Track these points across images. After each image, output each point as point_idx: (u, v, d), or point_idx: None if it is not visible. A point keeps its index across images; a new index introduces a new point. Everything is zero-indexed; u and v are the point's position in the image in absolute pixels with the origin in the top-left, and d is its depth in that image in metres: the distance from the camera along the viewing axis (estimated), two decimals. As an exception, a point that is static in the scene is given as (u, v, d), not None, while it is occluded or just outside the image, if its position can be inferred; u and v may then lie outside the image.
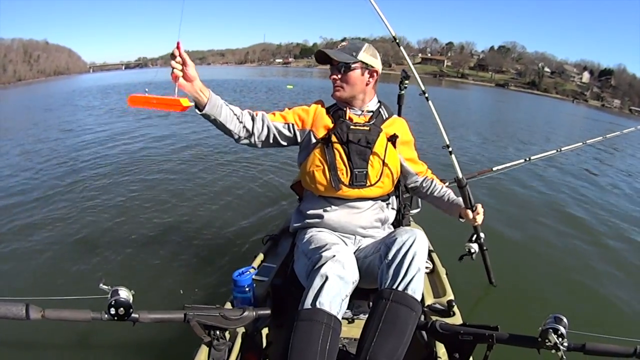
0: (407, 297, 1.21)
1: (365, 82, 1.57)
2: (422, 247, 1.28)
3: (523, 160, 2.61)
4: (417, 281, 1.24)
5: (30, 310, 1.05)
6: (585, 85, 72.94)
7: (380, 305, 1.21)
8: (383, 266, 1.28)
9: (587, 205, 5.15)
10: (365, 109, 1.61)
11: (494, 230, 4.02)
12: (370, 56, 1.56)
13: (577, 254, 3.64)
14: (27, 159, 6.27)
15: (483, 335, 1.24)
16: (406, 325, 1.19)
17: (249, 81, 29.56)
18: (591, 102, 60.82)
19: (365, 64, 1.54)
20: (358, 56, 1.52)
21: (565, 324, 1.11)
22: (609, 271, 3.34)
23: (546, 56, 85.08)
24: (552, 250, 3.67)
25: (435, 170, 1.88)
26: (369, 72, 1.57)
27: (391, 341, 1.15)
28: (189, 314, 1.25)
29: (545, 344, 1.11)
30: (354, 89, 1.56)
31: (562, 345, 1.08)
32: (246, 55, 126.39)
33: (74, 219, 3.80)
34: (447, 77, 77.88)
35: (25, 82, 62.47)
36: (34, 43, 78.66)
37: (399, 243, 1.28)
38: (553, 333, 1.09)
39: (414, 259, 1.24)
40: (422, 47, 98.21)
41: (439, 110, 2.03)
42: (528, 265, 3.32)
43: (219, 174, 5.41)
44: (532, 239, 3.86)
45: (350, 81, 1.54)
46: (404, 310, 1.20)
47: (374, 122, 1.58)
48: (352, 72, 1.53)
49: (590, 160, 8.59)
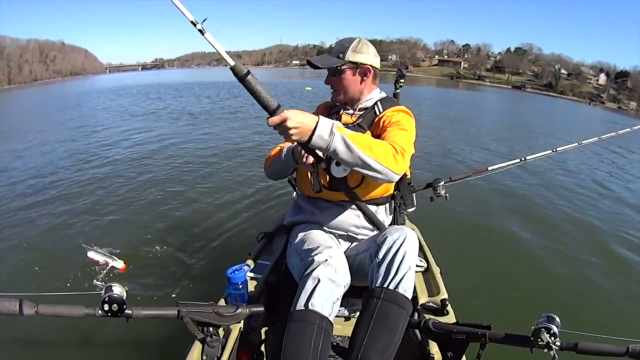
0: (398, 295, 1.21)
1: (360, 82, 1.54)
2: (413, 246, 1.27)
3: (518, 160, 2.61)
4: (408, 280, 1.24)
5: (23, 305, 1.04)
6: (601, 87, 72.56)
7: (371, 304, 1.21)
8: (373, 265, 1.28)
9: (582, 205, 5.18)
10: (358, 107, 1.58)
11: (488, 229, 4.05)
12: (359, 53, 1.49)
13: (570, 253, 3.67)
14: (27, 158, 6.24)
15: (476, 334, 1.24)
16: (397, 324, 1.19)
17: (266, 83, 29.46)
18: (608, 104, 60.50)
19: (354, 63, 1.49)
20: (345, 57, 1.48)
21: (558, 323, 1.11)
22: (602, 271, 3.37)
23: (563, 58, 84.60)
24: (546, 249, 3.70)
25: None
26: (361, 71, 1.52)
27: (382, 339, 1.15)
28: (182, 311, 1.24)
29: (537, 343, 1.12)
30: (349, 91, 1.54)
31: (554, 344, 1.09)
32: (263, 57, 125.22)
33: (68, 216, 3.79)
34: (463, 79, 77.63)
35: (41, 82, 62.52)
36: (50, 43, 78.47)
37: (390, 242, 1.27)
38: (546, 332, 1.09)
39: (404, 258, 1.24)
40: (438, 48, 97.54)
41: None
42: (521, 265, 3.34)
43: (213, 171, 5.41)
44: (525, 239, 3.89)
45: (343, 84, 1.52)
46: (395, 309, 1.20)
47: (358, 123, 1.52)
48: (343, 75, 1.51)
49: (587, 159, 8.64)
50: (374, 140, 1.27)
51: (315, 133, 1.14)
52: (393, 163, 1.24)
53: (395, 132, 1.38)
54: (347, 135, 1.18)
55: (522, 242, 3.80)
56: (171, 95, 18.12)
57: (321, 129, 1.14)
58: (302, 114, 1.15)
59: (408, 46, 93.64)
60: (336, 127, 1.17)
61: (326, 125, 1.15)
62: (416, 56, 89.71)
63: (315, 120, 1.14)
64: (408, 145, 1.35)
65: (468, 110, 18.27)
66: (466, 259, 3.30)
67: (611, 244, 3.95)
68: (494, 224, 4.19)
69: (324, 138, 1.15)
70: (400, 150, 1.28)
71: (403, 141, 1.33)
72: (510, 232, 4.00)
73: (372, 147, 1.21)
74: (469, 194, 4.87)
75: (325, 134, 1.15)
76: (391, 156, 1.24)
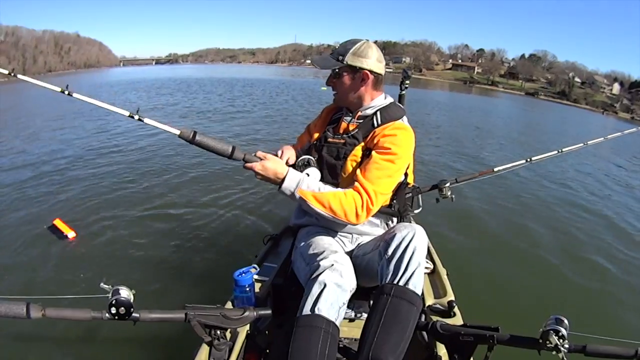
0: (408, 291, 1.21)
1: (358, 86, 1.48)
2: (422, 242, 1.27)
3: (524, 160, 2.60)
4: (418, 276, 1.24)
5: (31, 309, 1.05)
6: (615, 97, 71.58)
7: (382, 300, 1.21)
8: (383, 262, 1.28)
9: (592, 207, 5.15)
10: (357, 114, 1.54)
11: (495, 230, 4.03)
12: (360, 57, 1.43)
13: (579, 255, 3.64)
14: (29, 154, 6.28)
15: (484, 336, 1.24)
16: (408, 320, 1.19)
17: (281, 82, 29.63)
18: (621, 114, 59.73)
19: (352, 67, 1.44)
20: (345, 60, 1.43)
21: (567, 325, 1.10)
22: (611, 273, 3.34)
23: (577, 66, 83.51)
24: (554, 250, 3.67)
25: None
26: (359, 76, 1.46)
27: (394, 336, 1.16)
28: (189, 314, 1.25)
29: (546, 345, 1.11)
30: (347, 94, 1.51)
31: (562, 346, 1.08)
32: (277, 55, 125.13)
33: (74, 218, 3.81)
34: (477, 84, 77.06)
35: (55, 73, 62.79)
36: (65, 35, 78.67)
37: (399, 238, 1.27)
38: (554, 334, 1.09)
39: (414, 254, 1.24)
40: (452, 52, 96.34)
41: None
42: (529, 266, 3.32)
43: (221, 174, 5.41)
44: (533, 239, 3.86)
45: (341, 87, 1.50)
46: (406, 305, 1.20)
47: (353, 134, 1.50)
48: (341, 79, 1.48)
49: (596, 160, 8.59)
50: (337, 198, 1.32)
51: (281, 189, 1.36)
52: (352, 217, 1.33)
53: (375, 174, 1.36)
54: (309, 197, 1.33)
55: (529, 243, 3.77)
56: (187, 91, 18.22)
57: (285, 188, 1.36)
58: (270, 169, 1.35)
59: (422, 49, 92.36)
60: (298, 191, 1.34)
61: (289, 188, 1.35)
62: (430, 59, 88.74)
63: (281, 177, 1.35)
64: (385, 187, 1.39)
65: (482, 117, 18.11)
66: (473, 260, 3.28)
67: (620, 246, 3.92)
68: (500, 225, 4.17)
69: (287, 195, 1.36)
70: (366, 203, 1.33)
71: (379, 186, 1.36)
72: (517, 233, 3.97)
73: (333, 206, 1.31)
74: (475, 195, 4.86)
75: (287, 193, 1.36)
76: (352, 213, 1.32)
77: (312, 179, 1.36)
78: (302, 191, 1.32)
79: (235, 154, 1.31)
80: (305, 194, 1.32)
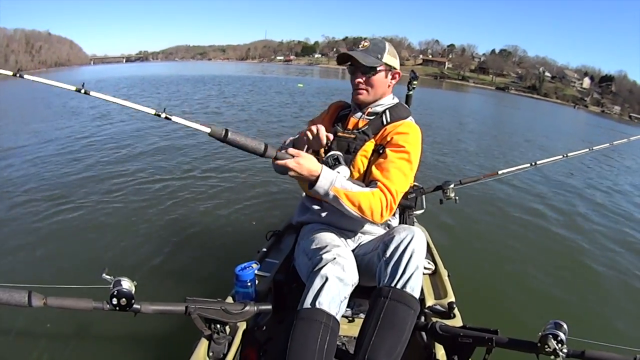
0: (406, 295, 1.21)
1: (387, 84, 1.56)
2: (421, 245, 1.27)
3: (529, 164, 2.59)
4: (416, 279, 1.23)
5: (32, 297, 1.06)
6: (585, 91, 72.28)
7: (379, 303, 1.21)
8: (381, 264, 1.28)
9: (593, 212, 5.12)
10: (367, 110, 1.57)
11: (497, 233, 4.02)
12: (392, 57, 1.53)
13: (580, 260, 3.63)
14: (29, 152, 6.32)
15: (482, 338, 1.24)
16: (405, 324, 1.19)
17: (256, 79, 29.38)
18: (591, 108, 60.37)
19: (389, 66, 1.52)
20: (383, 58, 1.50)
21: (565, 330, 1.10)
22: (611, 279, 3.33)
23: (547, 61, 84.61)
24: (555, 255, 3.66)
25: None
26: (392, 74, 1.55)
27: (390, 339, 1.16)
28: (190, 307, 1.26)
29: (544, 349, 1.11)
30: (377, 92, 1.54)
31: (561, 351, 1.08)
32: (247, 52, 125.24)
33: (78, 210, 3.83)
34: (447, 79, 77.34)
35: (26, 72, 61.86)
36: (36, 33, 78.62)
37: (397, 241, 1.27)
38: (553, 339, 1.09)
39: (412, 257, 1.23)
40: (423, 48, 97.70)
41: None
42: (530, 269, 3.31)
43: (224, 170, 5.42)
44: (534, 243, 3.85)
45: (374, 84, 1.52)
46: (403, 309, 1.20)
47: (364, 130, 1.53)
48: (376, 75, 1.51)
49: (600, 165, 8.54)
50: (366, 198, 1.32)
51: (314, 187, 1.30)
52: (377, 217, 1.34)
53: (394, 173, 1.39)
54: (342, 196, 1.30)
55: (531, 247, 3.76)
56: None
57: (319, 187, 1.30)
58: (305, 166, 1.27)
59: (393, 45, 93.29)
60: (333, 189, 1.30)
61: (323, 186, 1.30)
62: (401, 55, 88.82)
63: (316, 174, 1.29)
64: (404, 186, 1.41)
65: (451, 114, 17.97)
66: (474, 262, 3.27)
67: (622, 253, 3.89)
68: (503, 228, 4.16)
69: (320, 193, 1.31)
70: (390, 203, 1.34)
71: (399, 184, 1.38)
72: (519, 237, 3.96)
73: (363, 205, 1.31)
74: (478, 197, 4.85)
75: (321, 191, 1.31)
76: (378, 213, 1.33)
77: (342, 177, 1.34)
78: (337, 189, 1.31)
79: (268, 151, 1.25)
80: (339, 192, 1.31)
